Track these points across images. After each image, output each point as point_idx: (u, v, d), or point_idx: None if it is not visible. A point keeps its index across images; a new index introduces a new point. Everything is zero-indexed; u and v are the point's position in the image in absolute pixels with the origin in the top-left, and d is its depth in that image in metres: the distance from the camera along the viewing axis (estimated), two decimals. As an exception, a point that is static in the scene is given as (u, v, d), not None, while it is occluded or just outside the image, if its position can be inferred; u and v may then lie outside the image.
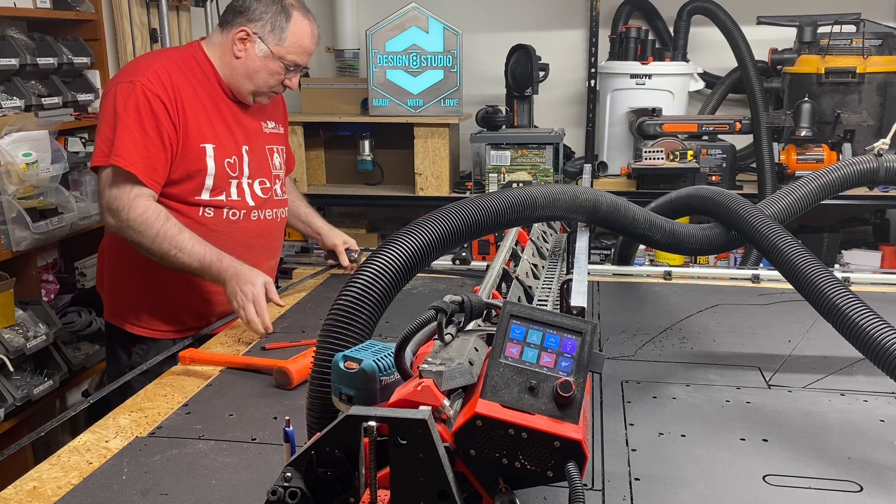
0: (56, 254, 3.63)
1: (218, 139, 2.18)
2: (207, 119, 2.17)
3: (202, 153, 2.14)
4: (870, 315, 1.31)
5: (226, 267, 2.04)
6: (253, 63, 2.17)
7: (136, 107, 2.04)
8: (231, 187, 2.21)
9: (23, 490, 1.29)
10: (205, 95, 2.18)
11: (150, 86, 2.06)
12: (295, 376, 1.66)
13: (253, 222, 2.26)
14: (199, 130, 2.14)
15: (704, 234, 1.81)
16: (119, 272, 2.31)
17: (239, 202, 2.22)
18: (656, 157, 3.68)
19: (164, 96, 2.07)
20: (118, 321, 2.31)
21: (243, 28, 2.15)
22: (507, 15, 4.46)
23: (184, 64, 2.17)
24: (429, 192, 3.95)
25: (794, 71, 3.81)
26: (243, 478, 1.30)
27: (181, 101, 2.11)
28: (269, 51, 2.16)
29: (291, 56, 2.18)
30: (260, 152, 2.29)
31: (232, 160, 2.20)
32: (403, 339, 0.98)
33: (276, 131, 2.39)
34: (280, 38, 2.16)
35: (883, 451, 1.37)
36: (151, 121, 2.05)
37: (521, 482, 0.90)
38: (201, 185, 2.16)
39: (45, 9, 3.40)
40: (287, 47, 2.17)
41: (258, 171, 2.27)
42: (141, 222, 2.03)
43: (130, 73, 2.12)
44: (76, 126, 3.49)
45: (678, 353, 1.83)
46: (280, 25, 2.15)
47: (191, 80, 2.16)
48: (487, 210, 1.32)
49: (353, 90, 4.13)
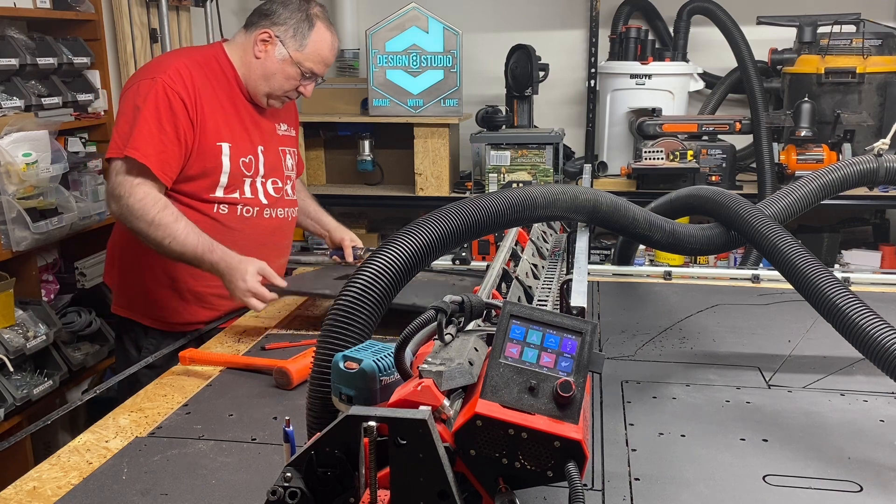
0: (56, 254, 3.63)
1: (234, 138, 2.22)
2: (225, 118, 2.21)
3: (218, 151, 2.18)
4: (870, 315, 1.31)
5: (217, 260, 2.05)
6: (271, 65, 2.21)
7: (156, 103, 2.08)
8: (245, 185, 2.25)
9: (23, 490, 1.29)
10: (223, 95, 2.22)
11: (170, 83, 2.10)
12: (295, 376, 1.66)
13: (266, 220, 2.30)
14: (216, 129, 2.18)
15: (704, 234, 1.81)
16: (130, 263, 2.32)
17: (252, 200, 2.26)
18: (656, 157, 3.68)
19: (183, 94, 2.11)
20: (128, 312, 2.33)
21: (266, 30, 2.20)
22: (507, 15, 4.46)
23: (205, 63, 2.22)
24: (429, 192, 3.95)
25: (794, 71, 3.81)
26: (243, 478, 1.30)
27: (200, 99, 2.14)
28: (288, 55, 2.21)
29: (309, 63, 2.22)
30: (274, 153, 2.33)
31: (247, 159, 2.24)
32: (403, 339, 0.98)
33: (288, 133, 2.43)
34: (301, 44, 2.21)
35: (883, 451, 1.37)
36: (169, 116, 2.09)
37: (521, 482, 0.90)
38: (216, 183, 2.20)
39: (45, 9, 3.40)
40: (306, 54, 2.22)
41: (272, 171, 2.31)
42: (139, 208, 2.05)
43: (153, 70, 2.16)
44: (76, 126, 3.49)
45: (678, 353, 1.83)
46: (302, 32, 2.20)
47: (211, 80, 2.20)
48: (487, 210, 1.32)
49: (353, 90, 4.13)
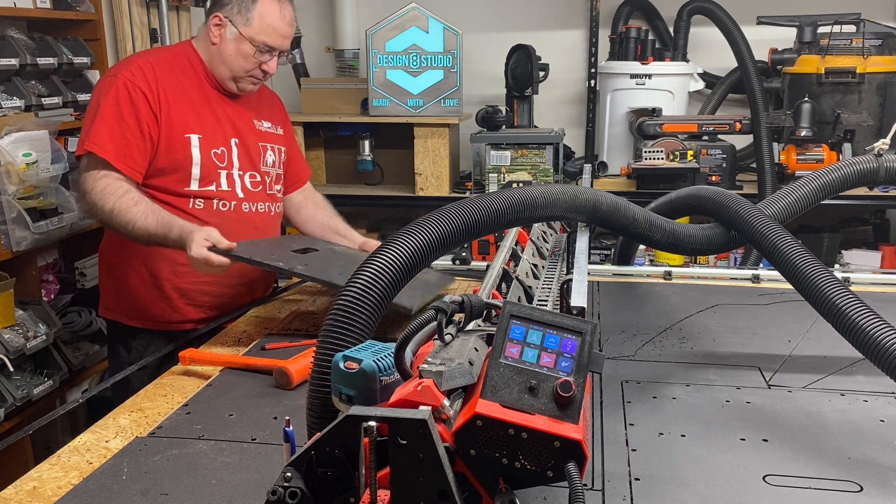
0: (56, 254, 3.63)
1: (204, 130, 2.22)
2: (193, 110, 2.21)
3: (187, 143, 2.18)
4: (870, 315, 1.31)
5: (176, 236, 2.01)
6: (226, 47, 2.21)
7: (116, 97, 2.10)
8: (221, 178, 2.24)
9: (23, 490, 1.29)
10: (192, 88, 2.23)
11: (131, 77, 2.13)
12: (295, 376, 1.66)
13: (245, 214, 2.28)
14: (182, 121, 2.18)
15: (704, 234, 1.81)
16: (114, 264, 2.32)
17: (228, 192, 2.25)
18: (656, 157, 3.68)
19: (144, 87, 2.13)
20: (115, 315, 2.34)
21: (216, 14, 2.21)
22: (507, 15, 4.46)
23: (172, 59, 2.24)
24: (429, 193, 3.95)
25: (794, 71, 3.81)
26: (243, 478, 1.30)
27: (164, 92, 2.16)
28: (238, 33, 2.20)
29: (261, 37, 2.19)
30: (252, 147, 2.32)
31: (219, 151, 2.24)
32: (403, 339, 0.98)
33: (272, 131, 2.41)
34: (247, 19, 2.18)
35: (883, 451, 1.37)
36: (130, 110, 2.10)
37: (521, 482, 0.90)
38: (189, 176, 2.19)
39: (45, 9, 3.40)
40: (255, 28, 2.19)
41: (248, 165, 2.30)
42: (99, 199, 2.06)
43: (115, 69, 2.21)
44: (76, 126, 3.48)
45: (678, 353, 1.83)
46: (246, 6, 2.18)
47: (177, 74, 2.21)
48: (487, 210, 1.32)
49: (353, 90, 4.13)
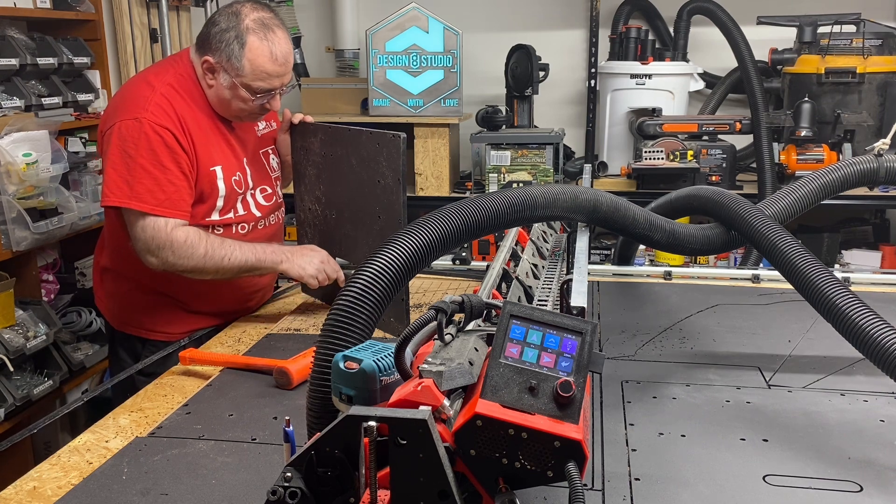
0: (56, 254, 3.63)
1: (224, 160, 2.14)
2: (213, 141, 2.13)
3: (213, 176, 2.10)
4: (870, 315, 1.31)
5: (275, 255, 2.10)
6: (223, 92, 2.09)
7: (149, 145, 1.99)
8: (238, 203, 2.18)
9: (23, 490, 1.29)
10: (202, 116, 2.12)
11: (156, 119, 2.00)
12: (295, 376, 1.66)
13: (260, 231, 2.25)
14: (207, 154, 2.10)
15: (704, 234, 1.81)
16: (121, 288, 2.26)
17: (245, 216, 2.20)
18: (656, 157, 3.68)
19: (171, 127, 2.02)
20: (122, 327, 2.28)
21: (206, 58, 2.07)
22: (507, 15, 4.46)
23: (179, 85, 2.10)
24: (429, 192, 3.95)
25: (794, 71, 3.81)
26: (243, 478, 1.31)
27: (187, 127, 2.06)
28: (231, 81, 2.06)
29: (257, 83, 2.06)
30: (258, 160, 2.27)
31: (237, 177, 2.17)
32: (403, 339, 0.98)
33: (267, 130, 2.35)
34: (239, 66, 2.04)
35: (883, 451, 1.37)
36: (168, 155, 2.00)
37: (521, 482, 0.90)
38: (213, 207, 2.13)
39: (45, 9, 3.40)
40: (248, 76, 2.05)
41: (260, 179, 2.25)
42: (185, 251, 2.00)
43: (132, 109, 2.03)
44: (76, 126, 3.49)
45: (678, 353, 1.83)
46: (236, 55, 2.03)
47: (189, 103, 2.10)
48: (487, 210, 1.32)
49: (353, 90, 4.12)
